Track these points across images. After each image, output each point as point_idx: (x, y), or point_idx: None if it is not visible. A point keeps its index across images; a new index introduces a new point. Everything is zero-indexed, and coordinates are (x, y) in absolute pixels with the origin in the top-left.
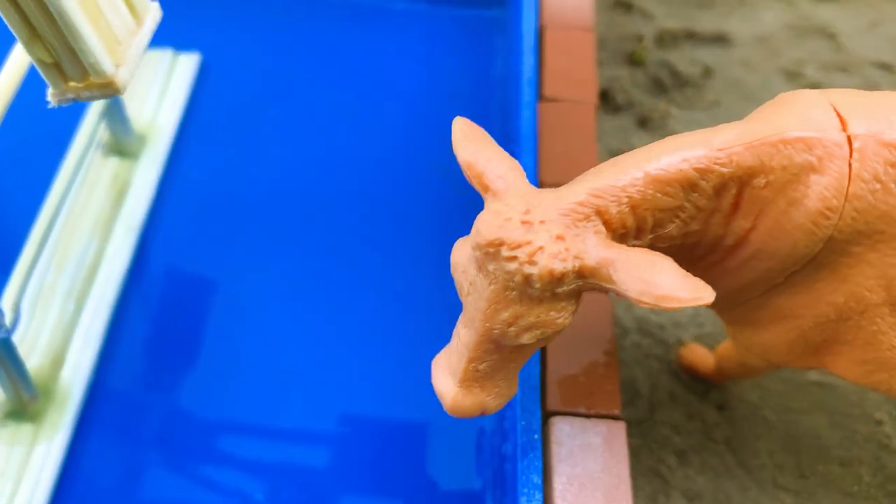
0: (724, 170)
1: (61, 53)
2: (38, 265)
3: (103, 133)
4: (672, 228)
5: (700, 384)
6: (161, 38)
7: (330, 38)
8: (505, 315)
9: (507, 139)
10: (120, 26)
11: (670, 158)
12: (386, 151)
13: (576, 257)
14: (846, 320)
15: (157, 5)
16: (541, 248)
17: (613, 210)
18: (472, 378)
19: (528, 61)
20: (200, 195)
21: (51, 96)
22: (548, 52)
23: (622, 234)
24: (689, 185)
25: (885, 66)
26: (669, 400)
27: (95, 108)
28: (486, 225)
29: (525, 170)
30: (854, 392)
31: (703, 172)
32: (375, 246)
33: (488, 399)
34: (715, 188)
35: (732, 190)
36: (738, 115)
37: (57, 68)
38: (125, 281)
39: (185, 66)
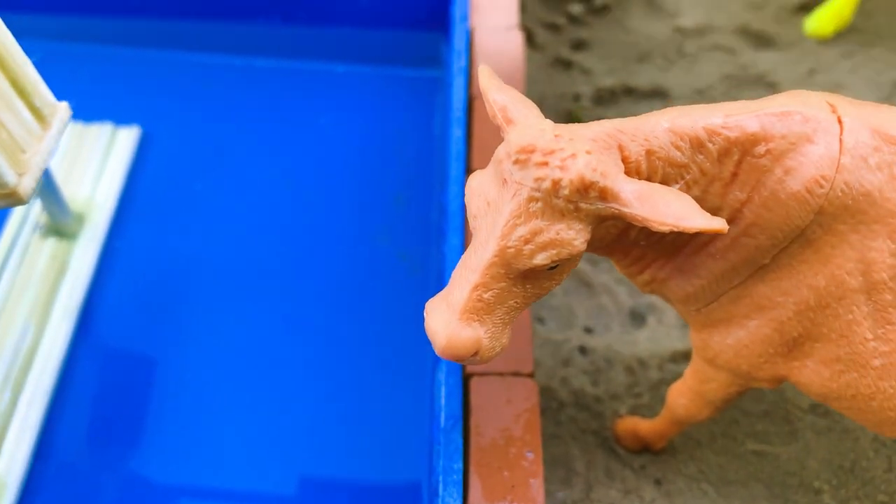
0: (731, 134)
1: None
2: None
3: (39, 214)
4: (675, 189)
5: (637, 457)
6: (100, 112)
7: (272, 104)
8: (523, 230)
9: (441, 211)
10: (23, 134)
11: (685, 119)
12: (330, 218)
13: (603, 175)
14: (824, 308)
15: (65, 105)
16: (573, 155)
17: (633, 149)
18: (472, 309)
19: (455, 134)
20: (141, 272)
21: None
22: (476, 124)
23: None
24: (697, 144)
25: None
26: (606, 476)
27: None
28: (519, 134)
29: (452, 248)
30: (792, 460)
31: (711, 134)
32: (322, 315)
33: (485, 338)
34: (719, 152)
35: (734, 157)
36: None
37: None
38: (63, 366)
39: (125, 140)
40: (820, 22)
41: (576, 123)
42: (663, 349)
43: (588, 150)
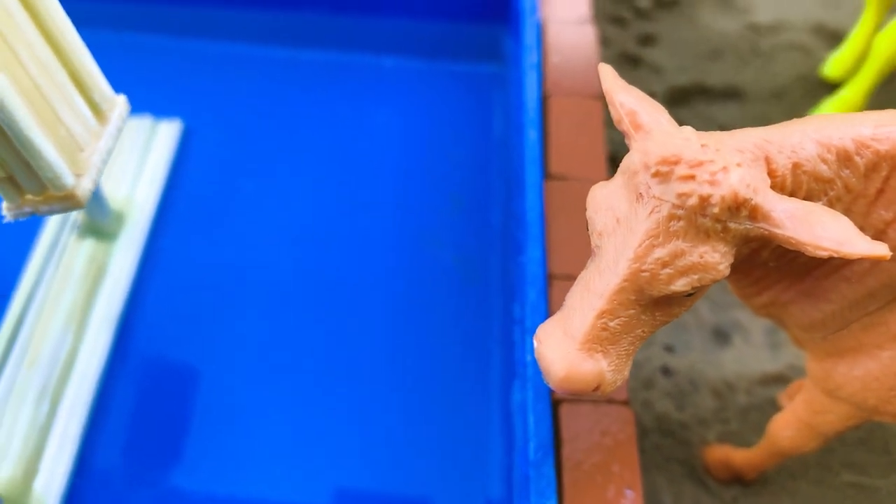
0: (881, 147)
1: (15, 168)
2: (9, 362)
3: (77, 213)
4: (828, 208)
5: (728, 489)
6: (139, 104)
7: (317, 98)
8: (662, 252)
9: (510, 217)
10: (81, 131)
11: (832, 129)
12: (381, 219)
13: (755, 191)
14: None
15: (123, 99)
16: (725, 168)
17: (780, 162)
18: (595, 339)
19: (531, 137)
20: (183, 275)
21: (6, 210)
22: (552, 125)
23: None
24: (845, 158)
25: None
26: None
27: None
28: (659, 143)
29: (532, 261)
30: (893, 494)
31: (859, 146)
32: (373, 323)
33: (607, 371)
34: (867, 166)
35: (883, 172)
36: None
37: (11, 182)
38: (103, 376)
39: (166, 134)
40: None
41: (716, 132)
42: (751, 371)
43: (739, 163)
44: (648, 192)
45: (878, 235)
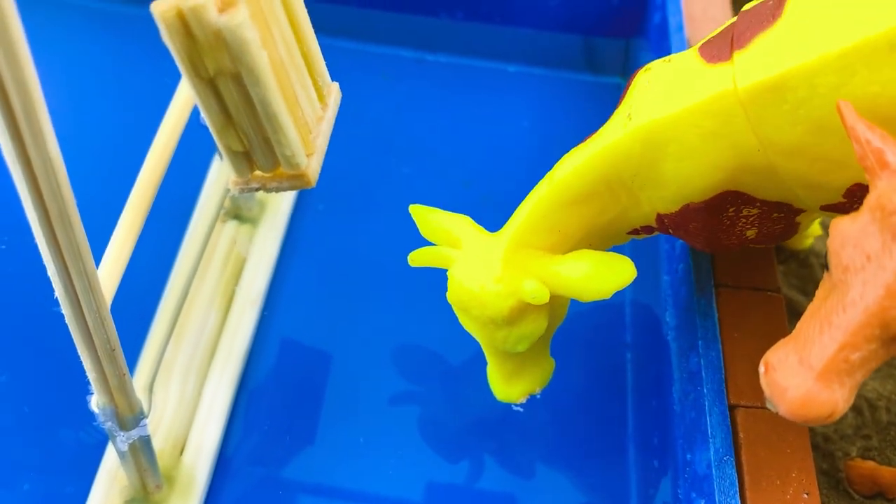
0: None
1: (255, 143)
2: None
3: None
4: None
5: (871, 502)
6: None
7: (442, 99)
8: None
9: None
10: (310, 113)
11: None
12: (501, 220)
13: None
14: None
15: (337, 86)
16: None
17: None
18: (834, 370)
19: None
20: (320, 259)
21: (233, 184)
22: None
23: None
24: None
25: None
26: None
27: (216, 171)
28: None
29: (678, 279)
30: None
31: None
32: None
33: (841, 401)
34: None
35: None
36: None
37: (246, 157)
38: (247, 356)
39: None
40: None
41: None
42: (889, 391)
43: None
44: None
45: None
